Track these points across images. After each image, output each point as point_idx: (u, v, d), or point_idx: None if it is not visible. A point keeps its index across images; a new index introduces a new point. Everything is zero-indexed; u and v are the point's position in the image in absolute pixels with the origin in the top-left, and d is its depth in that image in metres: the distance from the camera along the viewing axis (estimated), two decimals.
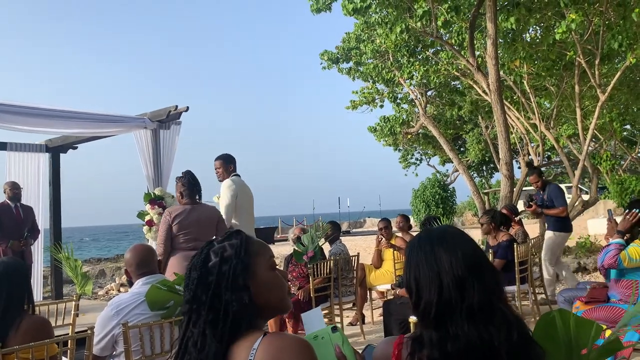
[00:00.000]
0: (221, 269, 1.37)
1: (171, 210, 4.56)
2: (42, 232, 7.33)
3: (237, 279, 1.37)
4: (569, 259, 8.72)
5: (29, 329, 2.46)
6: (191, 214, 4.45)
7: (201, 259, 1.40)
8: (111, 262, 16.33)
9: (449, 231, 1.51)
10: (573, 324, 1.52)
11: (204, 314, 1.34)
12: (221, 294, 1.35)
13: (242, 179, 5.23)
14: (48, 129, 6.44)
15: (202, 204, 4.64)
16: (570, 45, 9.01)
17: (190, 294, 1.37)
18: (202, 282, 1.36)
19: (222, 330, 1.32)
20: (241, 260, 1.40)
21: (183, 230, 4.38)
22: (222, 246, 1.41)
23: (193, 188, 4.55)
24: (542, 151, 11.59)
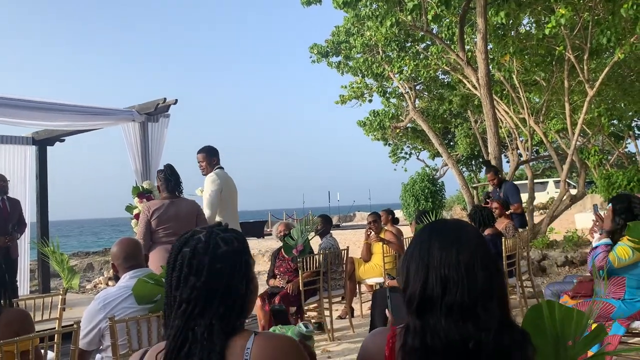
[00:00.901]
0: (234, 259, 1.36)
1: (150, 204, 4.55)
2: (28, 225, 7.26)
3: (249, 272, 1.38)
4: (556, 253, 8.79)
5: (10, 322, 2.44)
6: (170, 209, 4.44)
7: (212, 244, 1.36)
8: (99, 256, 16.22)
9: (454, 227, 1.46)
10: (559, 315, 1.52)
11: (215, 304, 1.31)
12: (236, 285, 1.34)
13: (226, 172, 5.17)
14: (34, 122, 6.36)
15: (182, 198, 4.60)
16: (560, 40, 9.05)
17: (200, 280, 1.32)
18: (214, 270, 1.33)
19: (232, 323, 1.32)
20: (249, 254, 1.40)
21: (162, 225, 4.39)
22: (230, 237, 1.39)
23: (172, 182, 4.53)
24: (530, 145, 11.65)
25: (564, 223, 12.06)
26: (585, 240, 9.35)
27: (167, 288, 1.39)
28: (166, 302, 1.39)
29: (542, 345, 1.46)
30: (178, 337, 1.32)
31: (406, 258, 1.46)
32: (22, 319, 2.54)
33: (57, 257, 4.16)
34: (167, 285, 1.39)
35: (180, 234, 1.46)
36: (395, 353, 1.38)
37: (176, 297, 1.35)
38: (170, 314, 1.37)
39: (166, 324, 1.39)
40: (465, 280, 1.35)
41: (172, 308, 1.36)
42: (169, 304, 1.38)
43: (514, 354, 1.34)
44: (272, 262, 5.89)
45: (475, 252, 1.39)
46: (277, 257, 5.85)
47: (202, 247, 1.35)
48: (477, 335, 1.32)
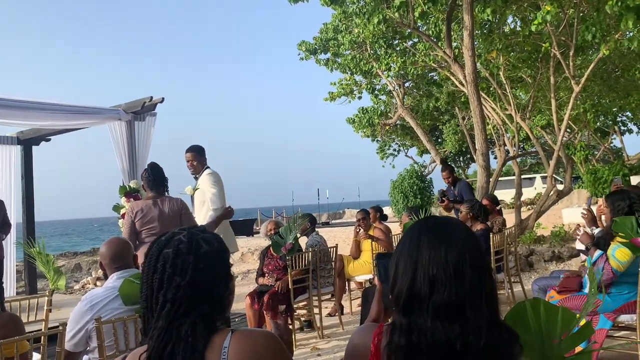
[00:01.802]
0: (217, 258, 1.37)
1: (133, 205, 4.53)
2: (14, 226, 7.17)
3: (229, 271, 1.39)
4: (543, 248, 8.86)
5: (1, 327, 2.40)
6: (153, 209, 4.41)
7: (194, 244, 1.36)
8: (87, 256, 16.10)
9: (444, 225, 1.44)
10: (544, 313, 1.52)
11: (200, 303, 1.32)
12: (218, 284, 1.35)
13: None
14: (19, 121, 6.28)
15: (167, 197, 4.53)
16: (546, 36, 9.11)
17: (185, 279, 1.32)
18: (198, 269, 1.33)
19: (214, 321, 1.33)
20: (228, 254, 1.41)
21: (146, 226, 4.37)
22: (210, 237, 1.40)
23: (156, 181, 4.49)
24: (517, 142, 11.73)
25: (551, 218, 12.15)
26: (572, 235, 9.44)
27: (146, 290, 1.37)
28: (146, 304, 1.37)
29: (526, 342, 1.47)
30: (162, 337, 1.31)
31: (395, 254, 1.46)
32: (10, 323, 2.51)
33: (43, 257, 4.11)
34: (146, 287, 1.37)
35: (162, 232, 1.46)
36: (380, 350, 1.38)
37: (159, 298, 1.34)
38: (152, 316, 1.35)
39: (146, 327, 1.38)
40: (453, 280, 1.34)
41: (154, 310, 1.35)
42: (150, 306, 1.36)
43: (501, 354, 1.33)
44: (261, 261, 5.87)
45: (464, 252, 1.38)
46: (265, 255, 5.84)
47: (185, 247, 1.35)
48: (465, 336, 1.31)
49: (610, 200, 3.75)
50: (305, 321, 5.99)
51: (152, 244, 1.43)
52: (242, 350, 1.30)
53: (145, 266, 1.40)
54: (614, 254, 3.47)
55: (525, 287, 6.35)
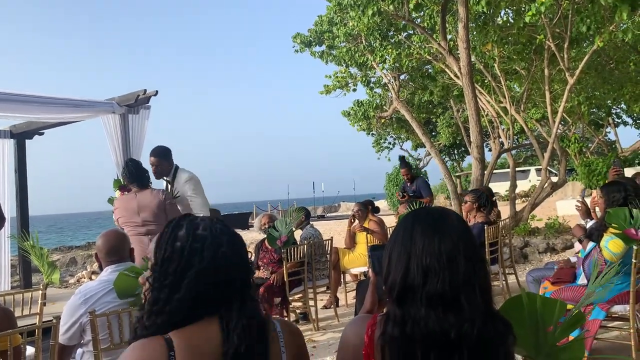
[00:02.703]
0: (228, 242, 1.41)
1: (115, 203, 4.70)
2: (8, 220, 7.14)
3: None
4: (538, 240, 8.90)
5: None
6: (131, 202, 4.50)
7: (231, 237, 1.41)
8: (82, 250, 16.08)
9: (438, 215, 1.44)
10: (540, 305, 1.53)
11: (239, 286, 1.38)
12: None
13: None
14: (11, 114, 6.23)
15: (148, 190, 4.54)
16: (540, 29, 9.10)
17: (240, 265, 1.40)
18: (237, 255, 1.41)
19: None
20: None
21: (126, 221, 4.48)
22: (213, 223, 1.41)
23: (134, 176, 4.55)
24: (512, 134, 11.74)
25: (545, 210, 12.20)
26: (567, 227, 9.48)
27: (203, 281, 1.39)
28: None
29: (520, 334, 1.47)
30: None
31: (389, 245, 1.46)
32: (4, 317, 2.50)
33: (37, 251, 4.10)
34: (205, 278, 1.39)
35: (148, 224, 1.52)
36: (374, 341, 1.37)
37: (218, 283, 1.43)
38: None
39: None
40: (447, 270, 1.34)
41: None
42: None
43: (495, 344, 1.34)
44: (256, 254, 5.88)
45: (457, 242, 1.38)
46: (260, 248, 5.85)
47: (227, 238, 1.43)
48: (459, 326, 1.31)
49: (606, 191, 3.75)
50: (300, 313, 6.00)
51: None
52: (292, 337, 1.45)
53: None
54: (607, 245, 3.48)
55: (520, 278, 6.38)
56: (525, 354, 1.56)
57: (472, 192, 6.07)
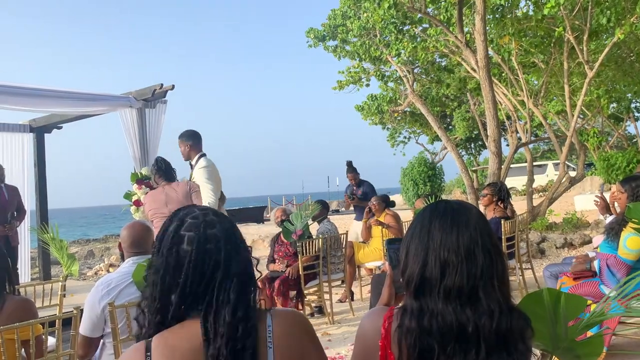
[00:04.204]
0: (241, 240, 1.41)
1: (144, 198, 4.91)
2: (28, 213, 7.25)
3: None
4: (555, 235, 8.81)
5: (14, 311, 2.44)
6: (159, 195, 4.68)
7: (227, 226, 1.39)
8: (100, 243, 16.28)
9: (455, 208, 1.43)
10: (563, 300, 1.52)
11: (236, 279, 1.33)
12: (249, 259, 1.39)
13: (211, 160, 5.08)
14: (31, 108, 6.32)
15: (175, 182, 4.75)
16: (559, 21, 8.98)
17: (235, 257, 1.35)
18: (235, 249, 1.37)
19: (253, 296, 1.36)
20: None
21: (156, 213, 4.63)
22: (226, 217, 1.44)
23: (162, 172, 4.76)
24: (529, 128, 11.62)
25: (563, 205, 12.07)
26: (585, 222, 9.37)
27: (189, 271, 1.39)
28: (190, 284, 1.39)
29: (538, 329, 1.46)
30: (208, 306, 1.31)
31: (406, 238, 1.45)
32: (25, 307, 2.54)
33: (57, 243, 4.17)
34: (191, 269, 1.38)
35: None
36: (391, 333, 1.38)
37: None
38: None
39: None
40: (465, 264, 1.34)
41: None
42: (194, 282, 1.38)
43: (513, 338, 1.33)
44: (272, 247, 5.92)
45: (476, 235, 1.37)
46: (276, 242, 5.88)
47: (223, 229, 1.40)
48: (477, 320, 1.31)
49: (629, 184, 3.67)
50: (316, 307, 6.02)
51: None
52: (284, 328, 1.36)
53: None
54: (625, 243, 3.40)
55: (537, 273, 6.33)
56: (543, 349, 1.55)
57: (491, 185, 6.02)
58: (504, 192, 5.86)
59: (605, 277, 3.58)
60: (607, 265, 3.54)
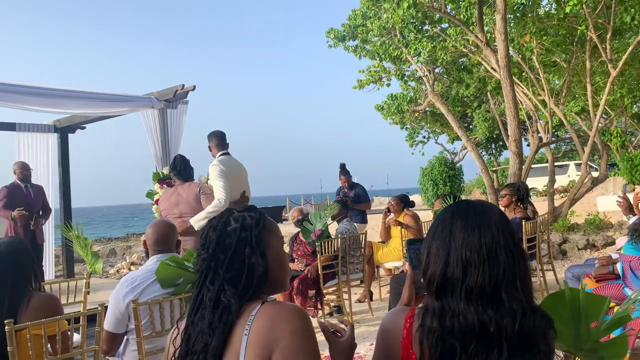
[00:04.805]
0: (240, 234, 1.46)
1: (159, 197, 5.04)
2: (52, 212, 7.40)
3: (258, 246, 1.46)
4: (577, 236, 8.70)
5: (40, 306, 2.50)
6: (172, 195, 4.80)
7: (222, 222, 1.50)
8: (121, 241, 16.48)
9: (477, 208, 1.43)
10: (583, 300, 1.51)
11: (221, 273, 1.42)
12: (243, 257, 1.44)
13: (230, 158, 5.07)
14: (56, 109, 6.43)
15: (187, 183, 4.83)
16: (582, 19, 8.86)
17: (208, 252, 1.46)
18: (221, 243, 1.45)
19: (242, 290, 1.42)
20: (260, 230, 1.49)
21: (168, 211, 4.73)
22: (243, 215, 1.50)
23: (178, 171, 4.85)
24: (550, 128, 11.48)
25: (585, 206, 11.90)
26: (607, 223, 9.22)
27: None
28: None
29: (561, 330, 1.46)
30: (194, 303, 1.46)
31: (428, 238, 1.46)
32: (51, 303, 2.60)
33: (81, 241, 4.25)
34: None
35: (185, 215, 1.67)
36: (412, 333, 1.38)
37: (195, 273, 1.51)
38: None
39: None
40: (487, 264, 1.34)
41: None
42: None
43: (536, 339, 1.33)
44: (290, 247, 5.94)
45: (497, 235, 1.37)
46: (294, 241, 5.90)
47: (213, 226, 1.50)
48: (499, 320, 1.31)
49: None
50: (334, 306, 6.04)
51: None
52: (264, 319, 1.36)
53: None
54: None
55: (558, 275, 6.26)
56: (565, 350, 1.55)
57: (510, 186, 5.97)
58: (523, 191, 5.81)
59: (629, 279, 3.54)
60: (631, 268, 3.50)
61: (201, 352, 1.38)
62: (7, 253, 2.52)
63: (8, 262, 2.49)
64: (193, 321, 1.43)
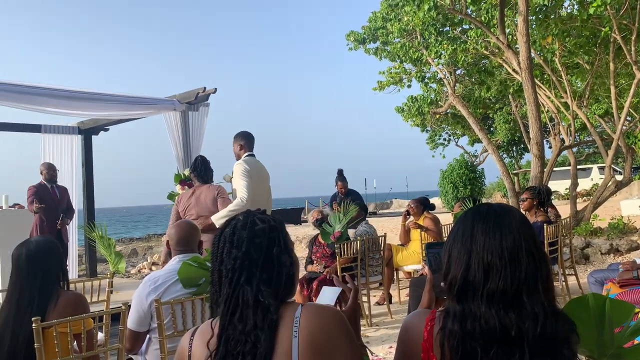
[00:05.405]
0: (270, 234, 1.47)
1: (179, 197, 5.08)
2: (76, 212, 7.53)
3: (286, 246, 1.49)
4: (600, 240, 8.56)
5: (67, 305, 2.54)
6: (191, 197, 4.87)
7: (249, 221, 1.48)
8: (143, 242, 16.70)
9: (498, 211, 1.43)
10: (608, 306, 1.50)
11: (257, 272, 1.42)
12: (273, 256, 1.45)
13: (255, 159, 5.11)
14: (80, 112, 6.56)
15: (206, 185, 4.89)
16: (606, 20, 8.74)
17: (241, 251, 1.44)
18: (253, 242, 1.45)
19: (276, 290, 1.43)
20: (285, 232, 1.52)
21: (186, 213, 4.81)
22: (267, 217, 1.52)
23: (198, 172, 4.94)
24: (573, 130, 11.33)
25: (608, 210, 11.71)
26: (632, 227, 9.07)
27: (212, 267, 1.51)
28: (212, 280, 1.50)
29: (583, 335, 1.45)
30: (229, 303, 1.42)
31: (448, 242, 1.46)
32: (78, 302, 2.65)
33: (105, 241, 4.32)
34: (212, 264, 1.51)
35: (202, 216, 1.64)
36: (433, 336, 1.38)
37: (222, 271, 1.46)
38: (219, 290, 1.47)
39: (213, 301, 1.50)
40: (509, 267, 1.33)
41: (218, 283, 1.48)
42: (215, 280, 1.49)
43: (558, 343, 1.32)
44: (310, 249, 5.96)
45: (519, 239, 1.37)
46: (314, 243, 5.92)
47: (241, 224, 1.48)
48: (520, 323, 1.30)
49: None
50: None
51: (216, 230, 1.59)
52: (312, 321, 1.38)
53: (212, 245, 1.53)
54: None
55: (581, 279, 6.17)
56: (588, 355, 1.54)
57: (530, 189, 5.90)
58: (544, 195, 5.74)
59: None
60: None
61: (248, 354, 1.35)
62: (38, 252, 2.57)
63: (38, 261, 2.55)
64: (231, 322, 1.40)
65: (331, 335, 1.39)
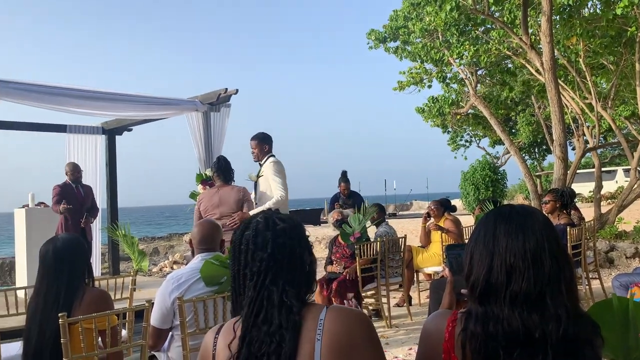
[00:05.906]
0: (291, 234, 1.46)
1: (200, 195, 5.13)
2: (100, 211, 7.66)
3: (307, 246, 1.49)
4: (625, 244, 8.42)
5: (93, 301, 2.59)
6: (214, 197, 4.92)
7: (271, 221, 1.47)
8: (164, 241, 16.89)
9: (521, 213, 1.42)
10: (632, 309, 1.48)
11: (282, 273, 1.41)
12: (295, 256, 1.44)
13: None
14: (104, 112, 6.68)
15: (229, 186, 4.96)
16: (632, 20, 8.59)
17: (267, 252, 1.42)
18: (277, 242, 1.43)
19: (299, 290, 1.42)
20: (305, 231, 1.51)
21: (208, 213, 4.86)
22: (287, 216, 1.51)
23: (221, 172, 4.99)
24: (598, 132, 11.14)
25: (634, 213, 11.48)
26: None
27: (234, 270, 1.48)
28: (234, 283, 1.48)
29: (608, 338, 1.43)
30: (253, 305, 1.41)
31: (470, 244, 1.45)
32: (103, 299, 2.70)
33: (128, 240, 4.39)
34: (234, 267, 1.49)
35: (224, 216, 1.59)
36: (454, 337, 1.38)
37: (246, 274, 1.44)
38: (241, 292, 1.46)
39: (235, 305, 1.49)
40: (532, 269, 1.33)
41: (242, 286, 1.46)
42: (237, 283, 1.47)
43: (582, 345, 1.31)
44: (330, 249, 5.97)
45: (542, 240, 1.36)
46: (334, 244, 5.93)
47: (263, 225, 1.46)
48: (544, 325, 1.29)
49: None
50: (373, 310, 6.03)
51: (235, 230, 1.56)
52: (337, 323, 1.37)
53: (231, 251, 1.52)
54: None
55: (605, 283, 6.08)
56: (612, 358, 1.52)
57: (553, 192, 5.83)
58: (567, 197, 5.66)
59: None
60: None
61: (272, 354, 1.34)
62: (65, 249, 2.62)
63: (65, 258, 2.60)
64: (255, 324, 1.39)
65: (356, 339, 1.37)
